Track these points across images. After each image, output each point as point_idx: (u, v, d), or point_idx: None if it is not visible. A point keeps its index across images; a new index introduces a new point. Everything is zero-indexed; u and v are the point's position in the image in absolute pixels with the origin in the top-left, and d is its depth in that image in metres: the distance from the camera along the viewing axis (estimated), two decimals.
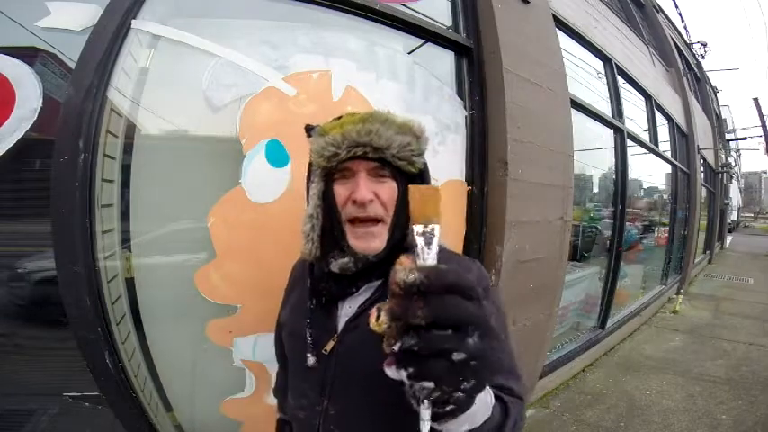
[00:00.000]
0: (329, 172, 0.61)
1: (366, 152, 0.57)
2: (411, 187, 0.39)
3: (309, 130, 0.64)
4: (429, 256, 0.35)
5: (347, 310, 0.61)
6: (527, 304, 1.85)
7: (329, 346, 0.60)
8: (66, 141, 0.91)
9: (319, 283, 0.63)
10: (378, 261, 0.59)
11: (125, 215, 1.01)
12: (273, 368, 1.13)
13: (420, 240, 0.36)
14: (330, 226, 0.61)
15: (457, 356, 0.30)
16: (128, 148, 1.02)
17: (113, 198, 1.00)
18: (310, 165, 0.64)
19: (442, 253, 0.50)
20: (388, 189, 0.59)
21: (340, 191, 0.60)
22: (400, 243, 0.60)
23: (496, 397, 0.47)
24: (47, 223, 0.91)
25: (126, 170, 1.01)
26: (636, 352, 3.41)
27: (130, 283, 1.03)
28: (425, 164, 0.63)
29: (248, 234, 1.07)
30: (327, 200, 0.61)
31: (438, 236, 0.37)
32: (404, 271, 0.31)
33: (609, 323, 3.40)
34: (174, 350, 1.09)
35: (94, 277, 0.95)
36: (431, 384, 0.30)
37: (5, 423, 1.05)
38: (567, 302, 2.87)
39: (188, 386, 1.12)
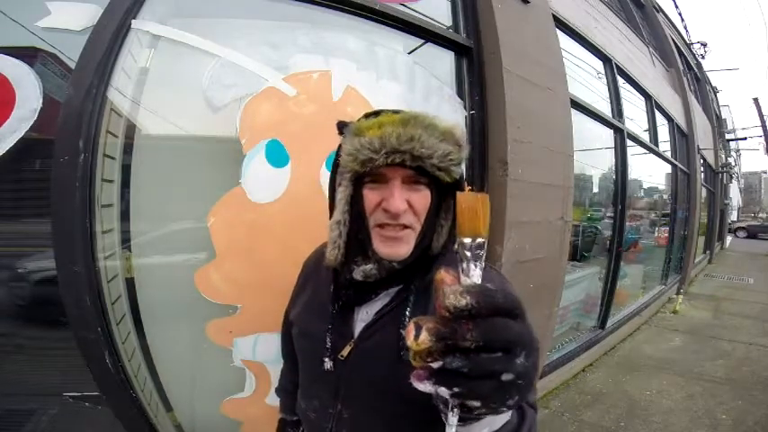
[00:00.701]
0: (360, 176, 0.56)
1: (404, 160, 0.52)
2: (460, 195, 0.36)
3: (342, 127, 0.59)
4: (475, 274, 0.33)
5: (364, 315, 0.60)
6: (527, 304, 1.82)
7: (346, 351, 0.58)
8: (66, 141, 0.91)
9: (340, 289, 0.61)
10: (401, 268, 0.57)
11: (125, 215, 1.01)
12: (273, 368, 1.14)
13: (468, 255, 0.34)
14: (356, 231, 0.58)
15: (506, 377, 0.29)
16: (128, 148, 1.02)
17: (113, 198, 1.00)
18: (336, 166, 0.60)
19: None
20: (423, 198, 0.55)
21: (370, 196, 0.56)
22: (425, 251, 0.57)
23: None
24: (47, 223, 0.91)
25: (126, 170, 1.01)
26: (636, 352, 3.41)
27: (130, 283, 1.03)
28: (462, 174, 0.58)
29: (248, 234, 1.07)
30: (356, 205, 0.57)
31: (485, 250, 0.34)
32: (454, 295, 0.29)
33: (609, 323, 3.40)
34: (174, 350, 1.09)
35: (94, 277, 0.95)
36: (477, 403, 0.29)
37: (5, 423, 1.05)
38: (567, 302, 2.87)
39: (188, 386, 1.12)
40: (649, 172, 5.25)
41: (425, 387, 0.30)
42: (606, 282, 3.44)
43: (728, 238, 14.89)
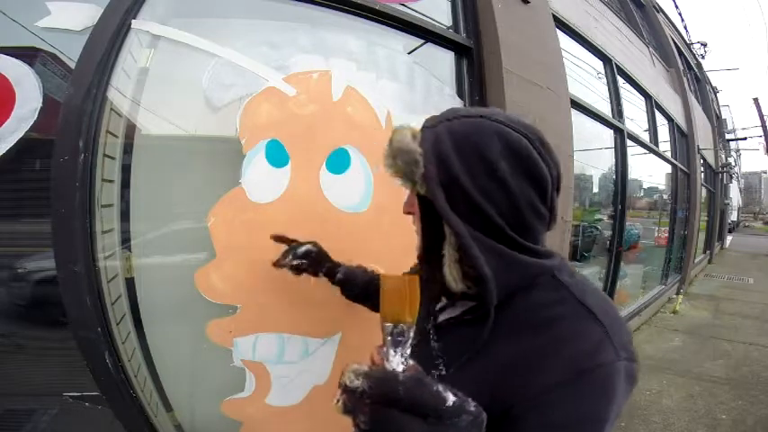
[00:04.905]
0: None
1: None
2: (383, 278, 0.36)
3: None
4: (394, 360, 0.34)
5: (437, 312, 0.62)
6: None
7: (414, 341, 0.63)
8: (67, 141, 0.91)
9: None
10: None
11: (125, 215, 1.01)
12: (273, 368, 1.14)
13: (388, 340, 0.34)
14: None
15: None
16: (128, 148, 1.02)
17: (113, 198, 1.00)
18: None
19: (557, 306, 0.48)
20: (416, 206, 0.56)
21: None
22: (436, 254, 0.54)
23: None
24: (47, 223, 0.91)
25: (126, 170, 1.01)
26: (636, 352, 3.42)
27: (130, 283, 1.03)
28: (432, 192, 0.49)
29: (248, 234, 1.07)
30: None
31: (410, 337, 0.35)
32: (350, 374, 0.31)
33: None
34: (174, 350, 1.09)
35: (94, 277, 0.95)
36: None
37: (5, 423, 1.05)
38: None
39: (188, 386, 1.12)
40: (649, 172, 5.25)
41: None
42: (606, 282, 3.44)
43: (728, 238, 14.88)
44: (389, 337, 0.34)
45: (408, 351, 0.35)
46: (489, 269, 0.46)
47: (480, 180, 0.47)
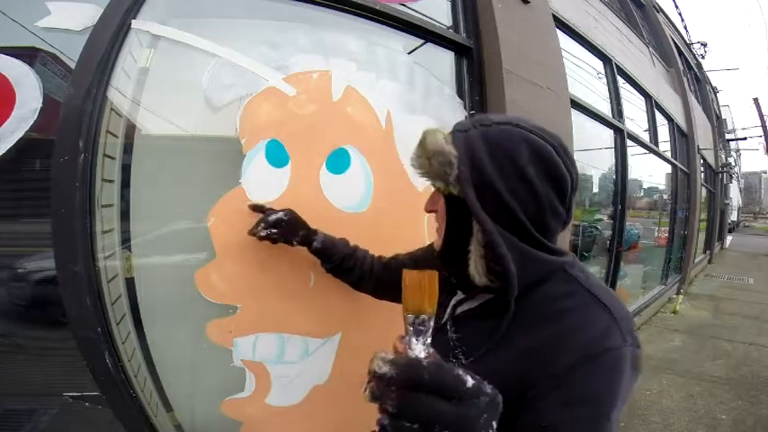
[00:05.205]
0: None
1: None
2: (405, 273, 0.38)
3: None
4: (417, 348, 0.36)
5: (454, 303, 0.66)
6: None
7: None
8: (67, 141, 0.91)
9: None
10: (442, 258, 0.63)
11: (125, 215, 1.01)
12: (273, 368, 1.14)
13: (410, 330, 0.37)
14: None
15: None
16: (128, 148, 1.02)
17: (113, 198, 1.00)
18: None
19: (568, 298, 0.54)
20: (440, 204, 0.61)
21: None
22: (457, 252, 0.59)
23: None
24: (47, 223, 0.91)
25: (126, 170, 1.01)
26: None
27: (130, 283, 1.03)
28: (464, 192, 0.53)
29: (248, 234, 1.07)
30: None
31: (431, 327, 0.37)
32: (378, 361, 0.33)
33: None
34: (174, 350, 1.09)
35: (94, 277, 0.95)
36: None
37: (5, 423, 1.05)
38: None
39: (188, 386, 1.12)
40: (649, 172, 5.25)
41: (377, 430, 0.34)
42: (606, 282, 3.44)
43: (728, 238, 14.89)
44: (411, 327, 0.36)
45: (429, 340, 0.37)
46: (514, 265, 0.51)
47: (511, 182, 0.52)
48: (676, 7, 9.50)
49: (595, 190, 3.89)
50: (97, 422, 1.05)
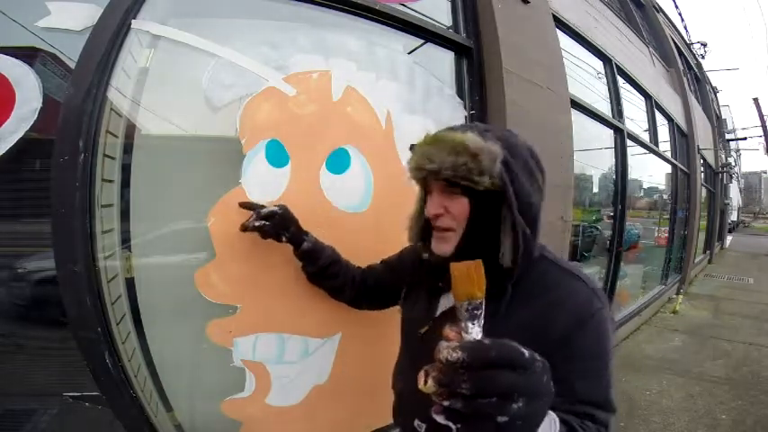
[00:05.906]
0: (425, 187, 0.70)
1: (424, 175, 0.64)
2: (453, 266, 0.40)
3: (411, 148, 0.70)
4: (473, 331, 0.38)
5: (446, 302, 0.72)
6: None
7: (423, 330, 0.72)
8: (67, 141, 0.91)
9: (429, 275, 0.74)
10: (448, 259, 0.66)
11: (125, 215, 1.01)
12: (273, 368, 1.14)
13: (466, 315, 0.39)
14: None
15: (501, 419, 0.34)
16: (128, 148, 1.02)
17: (113, 198, 1.00)
18: None
19: (549, 275, 0.66)
20: (458, 204, 0.64)
21: (427, 202, 0.68)
22: (475, 248, 0.62)
23: (563, 422, 0.49)
24: (47, 223, 0.91)
25: (126, 170, 1.01)
26: (636, 352, 3.42)
27: (130, 283, 1.03)
28: (506, 182, 0.61)
29: (248, 234, 1.07)
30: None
31: (483, 309, 0.39)
32: (447, 349, 0.34)
33: None
34: (174, 350, 1.09)
35: (94, 277, 0.95)
36: None
37: (5, 423, 1.05)
38: None
39: (188, 386, 1.12)
40: (649, 172, 5.25)
41: (441, 420, 0.35)
42: (606, 282, 3.44)
43: (728, 238, 14.88)
44: (467, 313, 0.39)
45: (482, 322, 0.39)
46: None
47: (530, 180, 0.64)
48: (676, 7, 9.50)
49: (595, 190, 3.89)
50: (97, 422, 1.05)
